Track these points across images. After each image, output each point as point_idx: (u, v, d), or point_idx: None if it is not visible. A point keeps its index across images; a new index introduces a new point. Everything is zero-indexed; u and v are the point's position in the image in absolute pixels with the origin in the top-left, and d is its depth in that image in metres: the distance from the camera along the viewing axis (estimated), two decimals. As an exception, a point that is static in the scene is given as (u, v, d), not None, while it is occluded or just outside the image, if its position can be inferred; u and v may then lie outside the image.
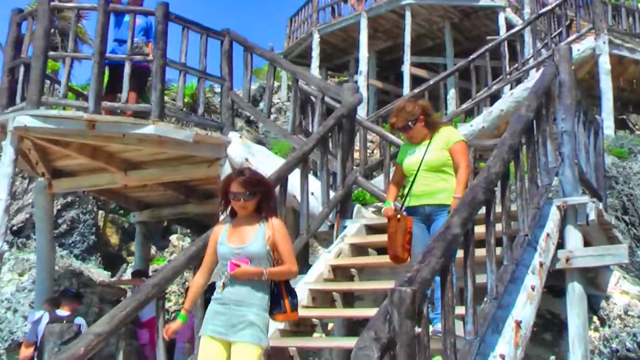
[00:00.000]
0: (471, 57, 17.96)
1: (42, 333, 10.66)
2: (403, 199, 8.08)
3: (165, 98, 13.61)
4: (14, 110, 11.89)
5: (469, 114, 18.76)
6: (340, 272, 9.70)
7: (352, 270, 9.88)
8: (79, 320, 10.92)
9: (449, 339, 5.73)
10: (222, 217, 6.61)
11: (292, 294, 6.39)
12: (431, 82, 18.11)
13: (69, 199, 18.50)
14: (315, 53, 26.28)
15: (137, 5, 12.99)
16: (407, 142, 8.32)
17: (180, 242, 19.97)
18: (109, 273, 18.57)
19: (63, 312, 11.33)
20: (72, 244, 18.40)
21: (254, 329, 6.05)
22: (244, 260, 6.09)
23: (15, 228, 18.02)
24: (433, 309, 7.20)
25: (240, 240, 6.24)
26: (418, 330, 4.88)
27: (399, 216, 7.81)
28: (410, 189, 7.98)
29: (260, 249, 6.17)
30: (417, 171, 7.91)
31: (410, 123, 7.98)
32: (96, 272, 17.55)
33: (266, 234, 6.22)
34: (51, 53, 12.67)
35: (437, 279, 5.86)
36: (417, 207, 7.91)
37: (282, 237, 6.30)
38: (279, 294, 6.27)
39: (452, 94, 21.06)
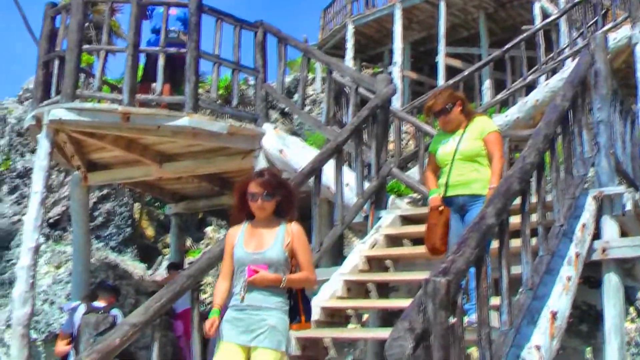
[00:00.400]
0: (506, 47, 17.83)
1: (78, 324, 10.71)
2: (443, 190, 8.03)
3: (200, 90, 13.64)
4: (49, 104, 11.96)
5: (504, 105, 18.62)
6: (375, 263, 9.67)
7: (387, 261, 9.84)
8: (115, 311, 10.96)
9: (483, 330, 5.70)
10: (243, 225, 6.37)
11: (307, 303, 6.28)
12: (466, 72, 18.00)
13: (105, 191, 18.58)
14: (350, 44, 26.24)
15: None
16: (441, 131, 8.29)
17: (215, 234, 19.99)
18: (145, 265, 18.63)
19: (99, 304, 11.38)
20: (108, 237, 18.48)
21: (274, 333, 5.93)
22: (263, 266, 5.96)
23: (51, 221, 18.14)
24: (468, 300, 7.18)
25: (259, 245, 6.09)
26: (452, 320, 4.85)
27: (441, 208, 7.79)
28: (446, 179, 7.94)
29: (279, 255, 6.03)
30: (452, 161, 7.87)
31: (448, 106, 7.95)
32: (132, 265, 17.62)
33: (285, 240, 6.08)
34: (85, 46, 12.76)
35: (472, 269, 5.83)
36: (451, 198, 7.88)
37: (301, 244, 6.16)
38: (295, 303, 6.13)
39: (487, 84, 20.97)
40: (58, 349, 11.33)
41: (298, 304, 6.14)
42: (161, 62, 11.96)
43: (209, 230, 20.47)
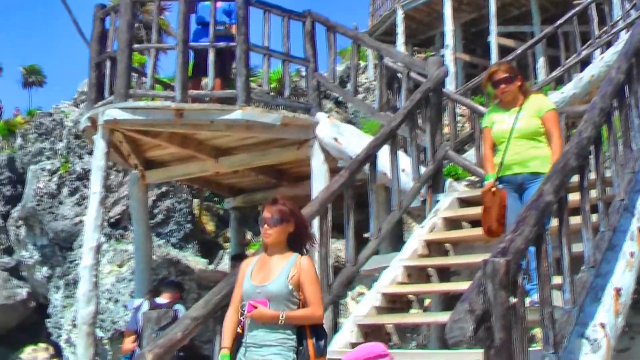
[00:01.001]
0: (558, 22, 17.60)
1: (142, 321, 10.81)
2: (498, 169, 7.94)
3: (252, 85, 13.66)
4: (103, 104, 12.07)
5: (559, 82, 18.39)
6: (434, 247, 9.61)
7: (447, 245, 9.78)
8: (177, 306, 11.04)
9: (546, 309, 5.63)
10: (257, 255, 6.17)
11: (319, 335, 5.80)
12: (519, 51, 17.79)
13: (164, 189, 18.74)
14: (400, 29, 26.08)
15: None
16: (494, 107, 8.18)
17: (274, 226, 20.04)
18: (206, 260, 18.75)
19: (163, 300, 11.47)
20: (169, 233, 18.64)
21: None
22: (263, 302, 5.64)
23: (112, 220, 18.34)
24: (529, 281, 7.10)
25: (264, 278, 5.79)
26: (513, 300, 4.80)
27: (493, 189, 7.71)
28: (501, 158, 7.85)
29: (280, 289, 5.69)
30: (509, 139, 7.78)
31: (511, 75, 7.87)
32: (193, 260, 17.75)
33: (291, 272, 5.74)
34: (136, 46, 12.86)
35: (532, 249, 5.75)
36: (509, 177, 7.79)
37: (308, 278, 5.77)
38: (302, 335, 5.73)
39: (540, 62, 20.69)
40: (125, 346, 11.45)
41: (306, 336, 5.72)
42: (211, 57, 11.99)
43: (268, 222, 20.52)
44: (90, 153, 17.06)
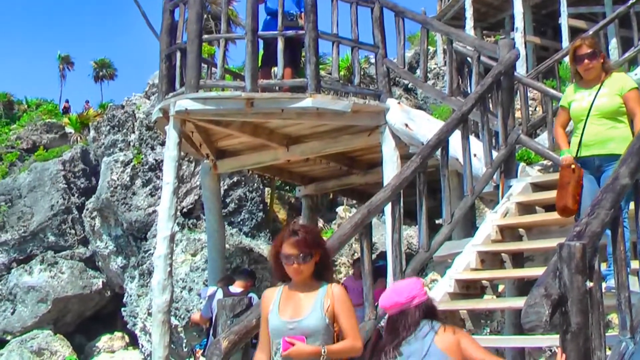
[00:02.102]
0: (630, 1, 17.31)
1: (217, 308, 10.91)
2: (576, 149, 7.81)
3: (321, 73, 13.67)
4: (175, 95, 12.16)
5: (633, 63, 18.12)
6: (507, 233, 9.52)
7: (520, 230, 9.66)
8: (251, 294, 11.11)
9: (622, 294, 5.55)
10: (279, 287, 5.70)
11: None
12: (590, 32, 17.52)
13: (235, 178, 18.87)
14: (469, 13, 25.89)
15: None
16: (575, 85, 8.04)
17: (347, 213, 20.06)
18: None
19: (236, 289, 11.56)
20: (241, 222, 18.77)
21: None
22: (300, 338, 5.23)
23: (185, 210, 18.54)
24: (606, 266, 7.00)
25: (295, 312, 5.39)
26: (590, 284, 4.74)
27: (573, 166, 7.59)
28: (579, 138, 7.73)
29: (317, 323, 5.31)
30: (587, 117, 7.65)
31: (596, 50, 7.74)
32: (266, 249, 17.84)
33: (325, 304, 5.35)
34: (205, 36, 12.92)
35: (608, 232, 5.67)
36: (586, 158, 7.68)
37: (344, 308, 5.38)
38: None
39: (613, 43, 20.33)
40: (193, 316, 11.66)
41: None
42: (280, 45, 12.00)
43: (340, 210, 20.58)
44: (162, 144, 17.31)
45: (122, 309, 19.68)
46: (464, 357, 5.17)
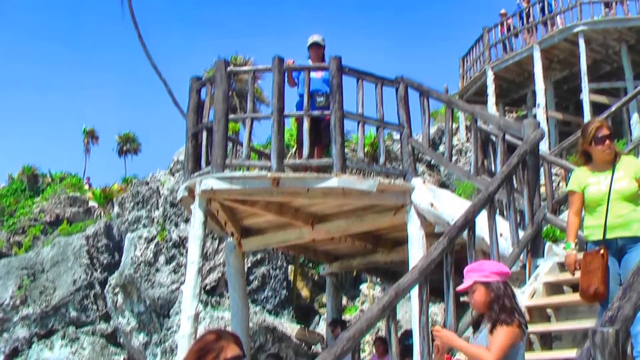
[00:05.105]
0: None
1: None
2: (601, 232, 7.74)
3: (345, 150, 13.70)
4: (201, 174, 12.20)
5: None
6: (536, 313, 9.48)
7: (548, 310, 9.62)
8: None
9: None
10: None
11: None
12: (613, 108, 17.55)
13: (259, 255, 18.87)
14: (491, 90, 26.08)
15: (319, 59, 13.16)
16: (583, 169, 7.98)
17: (370, 290, 20.00)
18: (302, 326, 18.75)
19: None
20: (265, 299, 18.72)
21: None
22: None
23: (208, 287, 18.50)
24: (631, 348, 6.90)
25: None
26: (623, 371, 4.68)
27: (602, 252, 7.52)
28: (603, 220, 7.67)
29: None
30: (608, 201, 7.61)
31: (612, 132, 7.73)
32: (289, 326, 17.75)
33: None
34: (232, 116, 13.03)
35: (639, 315, 5.61)
36: (609, 240, 7.62)
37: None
38: None
39: (635, 117, 20.43)
40: None
41: None
42: (306, 125, 12.05)
43: (364, 287, 20.51)
44: (186, 221, 17.34)
45: (144, 386, 19.58)
46: None
